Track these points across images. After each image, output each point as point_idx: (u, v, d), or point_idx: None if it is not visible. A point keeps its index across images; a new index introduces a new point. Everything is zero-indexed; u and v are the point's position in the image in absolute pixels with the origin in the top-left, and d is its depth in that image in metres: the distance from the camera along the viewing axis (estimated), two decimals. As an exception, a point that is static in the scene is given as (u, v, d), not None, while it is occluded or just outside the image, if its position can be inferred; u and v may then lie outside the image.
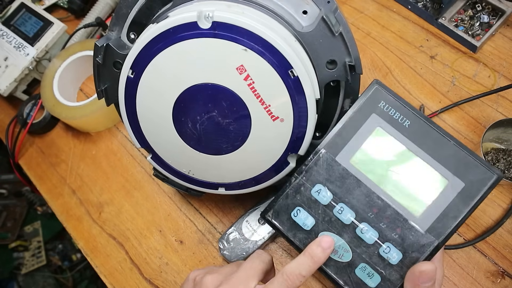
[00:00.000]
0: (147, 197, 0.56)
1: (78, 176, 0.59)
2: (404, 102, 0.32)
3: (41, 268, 1.16)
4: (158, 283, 0.51)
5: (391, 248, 0.32)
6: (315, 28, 0.35)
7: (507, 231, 0.46)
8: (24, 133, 0.62)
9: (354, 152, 0.33)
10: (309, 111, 0.34)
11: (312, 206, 0.33)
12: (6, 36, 0.65)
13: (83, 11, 0.70)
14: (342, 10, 0.38)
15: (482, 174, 0.30)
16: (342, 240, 0.33)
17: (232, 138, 0.37)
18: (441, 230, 0.31)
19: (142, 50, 0.34)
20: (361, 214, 0.32)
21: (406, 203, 0.32)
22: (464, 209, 0.30)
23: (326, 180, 0.33)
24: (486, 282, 0.44)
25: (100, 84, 0.41)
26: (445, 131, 0.31)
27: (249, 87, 0.34)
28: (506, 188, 0.48)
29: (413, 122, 0.32)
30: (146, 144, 0.41)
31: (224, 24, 0.32)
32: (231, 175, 0.40)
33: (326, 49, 0.36)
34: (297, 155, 0.37)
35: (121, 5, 0.39)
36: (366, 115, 0.33)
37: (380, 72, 0.58)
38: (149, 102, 0.37)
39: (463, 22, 0.57)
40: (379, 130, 0.32)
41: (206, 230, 0.52)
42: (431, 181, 0.31)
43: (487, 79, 0.54)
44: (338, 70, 0.36)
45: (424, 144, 0.32)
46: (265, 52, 0.32)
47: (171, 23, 0.33)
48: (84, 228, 0.56)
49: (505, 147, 0.50)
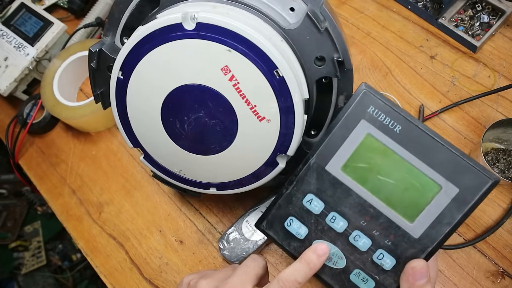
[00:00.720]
0: (147, 197, 0.56)
1: (78, 176, 0.59)
2: (394, 106, 0.31)
3: (41, 268, 1.16)
4: (158, 283, 0.51)
5: (384, 255, 0.32)
6: (301, 25, 0.35)
7: (507, 231, 0.46)
8: (24, 133, 0.62)
9: (343, 161, 0.32)
10: (296, 111, 0.34)
11: (305, 215, 0.33)
12: (6, 36, 0.65)
13: (83, 11, 0.70)
14: (331, 7, 0.38)
15: (477, 179, 0.30)
16: (336, 248, 0.33)
17: (220, 139, 0.37)
18: (434, 236, 0.31)
19: (131, 52, 0.35)
20: (354, 223, 0.32)
21: (399, 210, 0.31)
22: (458, 215, 0.30)
23: (317, 189, 0.33)
24: (486, 282, 0.44)
25: (96, 88, 0.42)
26: (438, 135, 0.30)
27: (234, 88, 0.34)
28: (506, 188, 0.48)
29: (404, 127, 0.31)
30: (138, 144, 0.41)
31: (208, 25, 0.32)
32: (221, 175, 0.41)
33: (313, 46, 0.35)
34: (287, 155, 0.37)
35: (114, 11, 0.40)
36: (355, 121, 0.31)
37: (380, 72, 0.58)
38: (139, 102, 0.38)
39: (463, 22, 0.57)
40: (368, 137, 0.31)
41: (206, 230, 0.52)
42: (424, 187, 0.31)
43: (487, 79, 0.54)
44: (327, 66, 0.36)
45: (416, 149, 0.31)
46: (249, 53, 0.32)
47: (156, 25, 0.33)
48: (84, 228, 0.56)
49: (505, 147, 0.50)
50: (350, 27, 0.62)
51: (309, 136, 0.43)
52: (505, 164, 0.49)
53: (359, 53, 0.59)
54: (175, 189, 0.46)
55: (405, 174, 0.31)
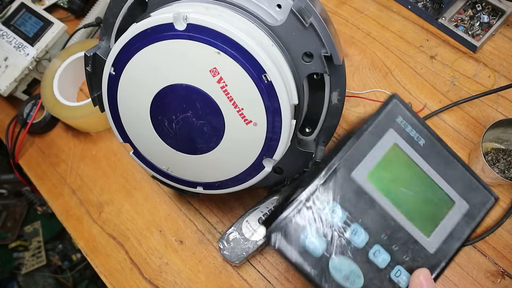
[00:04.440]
0: (147, 197, 0.56)
1: (78, 176, 0.59)
2: (420, 119, 0.31)
3: (41, 268, 1.16)
4: (158, 283, 0.51)
5: (401, 272, 0.30)
6: (286, 21, 0.34)
7: (507, 231, 0.46)
8: (24, 133, 0.62)
9: (369, 169, 0.31)
10: (283, 116, 0.34)
11: (324, 226, 0.30)
12: (6, 36, 0.65)
13: (83, 11, 0.70)
14: (320, 3, 0.37)
15: (484, 197, 0.31)
16: (354, 265, 0.30)
17: (207, 139, 0.37)
18: (447, 251, 0.30)
19: (123, 49, 0.35)
20: (375, 236, 0.30)
21: (417, 224, 0.31)
22: (467, 230, 0.30)
23: (340, 198, 0.30)
24: (486, 282, 0.44)
25: (93, 91, 0.42)
26: (454, 152, 0.31)
27: (222, 90, 0.34)
28: (506, 188, 0.48)
29: (427, 141, 0.31)
30: (128, 139, 0.42)
31: (198, 26, 0.32)
32: (207, 175, 0.41)
33: (300, 42, 0.35)
34: (273, 160, 0.37)
35: (107, 16, 0.40)
36: (383, 129, 0.31)
37: (380, 72, 0.58)
38: (129, 99, 0.38)
39: (463, 22, 0.57)
40: (395, 147, 0.31)
41: (206, 230, 0.52)
42: (441, 202, 0.31)
43: (487, 79, 0.54)
44: (315, 62, 0.36)
45: (436, 164, 0.31)
46: (238, 56, 0.32)
47: (149, 23, 0.33)
48: (84, 228, 0.56)
49: (505, 147, 0.50)
50: (350, 27, 0.62)
51: (303, 134, 0.43)
52: (505, 164, 0.49)
53: (359, 53, 0.59)
54: (174, 190, 0.46)
55: (425, 187, 0.31)
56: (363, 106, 0.56)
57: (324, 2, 0.65)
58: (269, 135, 0.35)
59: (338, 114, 0.41)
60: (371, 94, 0.56)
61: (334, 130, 0.42)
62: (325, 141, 0.42)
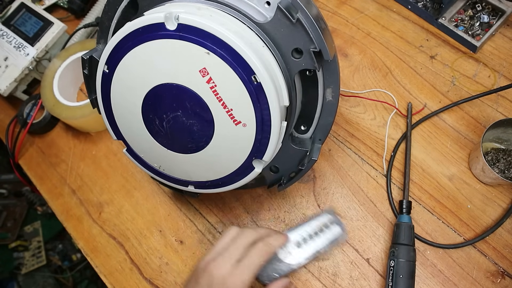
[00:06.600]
0: (147, 197, 0.56)
1: (78, 176, 0.59)
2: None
3: (41, 268, 1.16)
4: (158, 283, 0.51)
5: None
6: (273, 18, 0.34)
7: (507, 231, 0.46)
8: (24, 133, 0.62)
9: None
10: (272, 118, 0.34)
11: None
12: (6, 36, 0.65)
13: (83, 11, 0.70)
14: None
15: None
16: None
17: (197, 139, 0.38)
18: None
19: (116, 47, 0.35)
20: None
21: None
22: None
23: None
24: (486, 282, 0.44)
25: (92, 94, 0.42)
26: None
27: (212, 90, 0.34)
28: (506, 188, 0.48)
29: None
30: (121, 136, 0.42)
31: (189, 26, 0.32)
32: (198, 174, 0.41)
33: (289, 38, 0.35)
34: (263, 161, 0.37)
35: (103, 19, 0.41)
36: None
37: (380, 72, 0.58)
38: (121, 97, 0.38)
39: (463, 22, 0.57)
40: None
41: (206, 230, 0.52)
42: None
43: (487, 79, 0.54)
44: (305, 58, 0.35)
45: None
46: (228, 57, 0.32)
47: (141, 23, 0.33)
48: (84, 228, 0.56)
49: (505, 147, 0.50)
50: (350, 27, 0.62)
51: (299, 131, 0.43)
52: (505, 164, 0.49)
53: (359, 53, 0.59)
54: (174, 190, 0.46)
55: None
56: (363, 106, 0.56)
57: (324, 2, 0.65)
58: (259, 136, 0.35)
59: (334, 111, 0.41)
60: (371, 94, 0.56)
61: (330, 127, 0.42)
62: (322, 138, 0.42)
